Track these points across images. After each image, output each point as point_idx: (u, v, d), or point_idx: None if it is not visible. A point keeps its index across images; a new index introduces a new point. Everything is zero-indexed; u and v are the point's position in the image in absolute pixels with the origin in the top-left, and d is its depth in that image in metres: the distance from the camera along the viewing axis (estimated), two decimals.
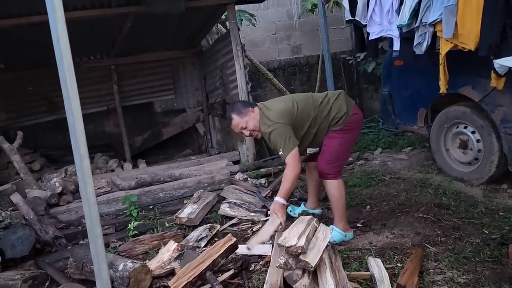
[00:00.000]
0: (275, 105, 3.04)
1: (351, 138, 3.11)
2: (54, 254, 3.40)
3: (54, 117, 6.56)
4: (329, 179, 3.04)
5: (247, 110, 3.06)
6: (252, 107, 3.09)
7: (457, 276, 2.44)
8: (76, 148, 1.38)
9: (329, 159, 3.02)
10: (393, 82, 4.81)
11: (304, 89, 8.04)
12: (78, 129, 1.37)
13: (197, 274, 2.54)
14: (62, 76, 1.34)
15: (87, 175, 1.39)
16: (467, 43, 3.14)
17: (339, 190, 3.05)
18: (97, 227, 1.44)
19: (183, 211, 3.85)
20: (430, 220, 3.21)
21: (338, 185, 3.05)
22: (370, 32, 4.13)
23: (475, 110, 3.87)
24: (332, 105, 3.02)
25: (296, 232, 2.44)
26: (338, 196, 3.06)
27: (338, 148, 3.02)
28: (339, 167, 3.06)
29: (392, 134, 6.25)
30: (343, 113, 2.98)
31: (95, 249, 1.45)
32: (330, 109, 3.01)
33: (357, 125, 3.12)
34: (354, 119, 3.05)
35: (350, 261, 2.74)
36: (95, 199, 1.44)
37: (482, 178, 3.89)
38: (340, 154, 3.05)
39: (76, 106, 1.35)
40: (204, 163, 5.39)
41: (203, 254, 2.66)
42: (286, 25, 7.95)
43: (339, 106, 3.01)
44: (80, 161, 1.38)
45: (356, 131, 3.14)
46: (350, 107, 3.04)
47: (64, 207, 4.17)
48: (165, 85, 6.98)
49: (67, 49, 1.35)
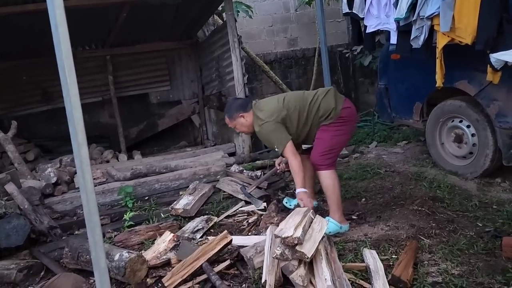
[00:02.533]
0: (267, 105, 3.16)
1: (344, 131, 3.13)
2: (49, 244, 3.39)
3: (48, 107, 6.52)
4: (322, 170, 3.08)
5: (237, 115, 3.20)
6: (244, 111, 3.19)
7: (451, 267, 2.47)
8: (74, 136, 1.37)
9: (321, 151, 3.07)
10: (390, 75, 4.82)
11: (300, 82, 8.03)
12: (76, 117, 1.36)
13: (192, 271, 2.55)
14: (61, 63, 1.33)
15: (85, 163, 1.38)
16: (464, 37, 3.15)
17: (332, 180, 3.08)
18: (95, 216, 1.44)
19: (179, 202, 3.85)
20: (424, 213, 3.24)
21: (331, 175, 3.08)
22: (367, 25, 4.13)
23: (471, 104, 3.89)
24: (321, 102, 3.10)
25: (292, 224, 2.45)
26: (332, 187, 3.08)
27: (330, 141, 3.07)
28: (331, 159, 3.09)
29: (388, 127, 6.26)
30: (331, 109, 3.06)
31: (93, 237, 1.45)
32: (319, 106, 3.10)
33: (350, 118, 3.14)
34: (345, 113, 3.09)
35: (345, 252, 2.76)
36: (93, 187, 1.43)
37: (476, 172, 3.91)
38: (333, 146, 3.08)
39: (74, 94, 1.34)
40: (200, 155, 5.38)
41: (198, 251, 2.66)
42: (282, 17, 7.92)
43: (327, 102, 3.09)
44: (78, 149, 1.37)
45: (350, 124, 3.16)
46: (339, 102, 3.10)
47: (59, 197, 4.17)
48: (160, 76, 6.94)
49: (66, 36, 1.33)
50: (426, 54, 3.78)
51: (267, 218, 3.42)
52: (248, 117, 3.19)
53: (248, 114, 3.19)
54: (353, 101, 3.37)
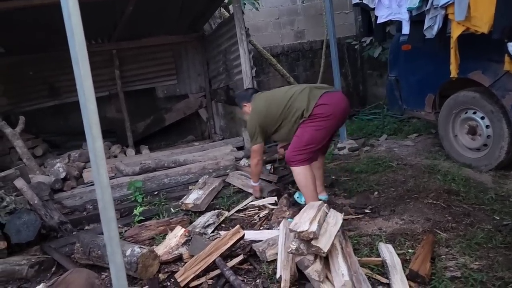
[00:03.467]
0: (258, 103, 3.38)
1: (321, 127, 3.09)
2: (60, 239, 3.38)
3: (55, 102, 6.50)
4: (292, 166, 3.14)
5: (242, 104, 3.59)
6: (248, 101, 3.52)
7: (469, 262, 2.41)
8: (88, 129, 1.33)
9: (294, 147, 3.11)
10: (400, 67, 4.74)
11: (307, 75, 7.94)
12: (90, 109, 1.32)
13: (205, 267, 2.52)
14: (74, 55, 1.29)
15: (100, 157, 1.34)
16: (480, 26, 3.07)
17: (303, 177, 3.10)
18: (111, 210, 1.39)
19: (189, 197, 3.81)
20: (440, 206, 3.18)
21: (301, 172, 3.10)
22: (378, 16, 4.05)
23: (485, 95, 3.81)
24: (293, 103, 3.17)
25: (307, 218, 2.41)
26: (305, 183, 3.12)
27: (304, 137, 3.10)
28: (303, 155, 3.09)
29: (398, 120, 6.19)
30: (302, 110, 3.10)
31: (109, 232, 1.41)
32: (291, 106, 3.17)
33: (327, 114, 3.07)
34: (320, 110, 3.07)
35: (360, 246, 2.71)
36: (108, 181, 1.39)
37: (491, 164, 3.84)
38: (307, 143, 3.08)
39: (88, 86, 1.30)
40: (208, 149, 5.34)
41: (211, 246, 2.63)
42: (289, 9, 7.82)
43: (300, 104, 3.13)
44: (92, 142, 1.32)
45: (328, 119, 3.09)
46: (311, 102, 3.10)
47: (68, 193, 4.15)
48: (167, 70, 6.89)
49: (79, 26, 1.29)
50: (439, 44, 3.71)
51: (279, 212, 3.38)
52: (249, 106, 3.48)
53: (250, 104, 3.47)
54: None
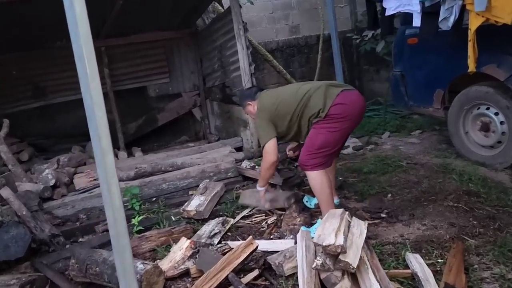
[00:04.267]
0: (265, 100, 3.15)
1: (336, 129, 2.85)
2: (52, 254, 3.09)
3: (41, 103, 6.16)
4: (307, 171, 2.93)
5: (246, 102, 3.34)
6: (252, 99, 3.29)
7: (505, 272, 2.23)
8: (96, 140, 1.09)
9: (307, 150, 2.90)
10: (406, 61, 4.55)
11: (303, 71, 7.73)
12: (98, 116, 1.08)
13: (217, 284, 2.28)
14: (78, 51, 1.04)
15: (111, 174, 1.10)
16: (502, 17, 2.88)
17: (319, 182, 2.88)
18: (125, 237, 1.15)
19: (190, 203, 3.56)
20: (462, 209, 2.99)
21: (316, 177, 2.88)
22: (387, 8, 3.84)
23: (500, 90, 3.64)
24: (309, 102, 2.93)
25: (331, 229, 2.19)
26: (318, 188, 2.90)
27: (319, 140, 2.87)
28: (318, 159, 2.86)
29: (399, 116, 6.01)
30: (318, 110, 2.87)
31: (122, 263, 1.16)
32: (307, 105, 2.94)
33: (344, 115, 2.84)
34: (337, 110, 2.83)
35: (384, 257, 2.50)
36: (121, 203, 1.15)
37: (506, 162, 3.68)
38: (321, 146, 2.85)
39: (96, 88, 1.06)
40: (206, 151, 5.09)
41: (223, 261, 2.39)
42: (283, 3, 7.59)
43: (315, 102, 2.90)
44: (101, 156, 1.08)
45: (344, 121, 2.86)
46: (328, 101, 2.86)
47: (59, 201, 3.87)
48: (159, 68, 6.58)
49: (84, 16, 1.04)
50: (451, 37, 3.52)
51: (289, 218, 3.17)
52: (254, 105, 3.25)
53: (255, 103, 3.25)
54: (357, 89, 3.06)
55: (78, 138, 6.05)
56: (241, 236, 3.12)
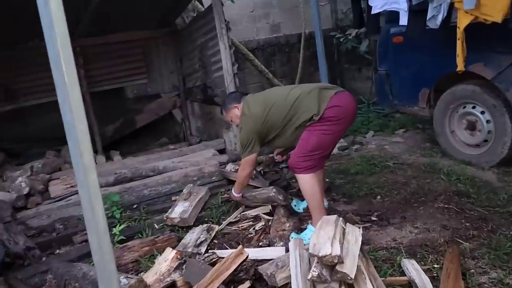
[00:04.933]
0: (253, 108, 3.00)
1: (330, 132, 2.77)
2: (28, 268, 2.90)
3: (12, 107, 5.85)
4: (297, 174, 2.84)
5: (231, 106, 3.17)
6: (238, 102, 3.13)
7: (503, 276, 2.18)
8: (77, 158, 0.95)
9: (300, 152, 2.79)
10: (391, 60, 4.50)
11: (284, 70, 7.62)
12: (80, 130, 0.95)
13: None
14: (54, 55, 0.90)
15: (95, 195, 0.96)
16: (492, 15, 2.84)
17: (310, 185, 2.78)
18: (111, 264, 1.01)
19: (174, 210, 3.42)
20: (453, 211, 2.95)
21: (308, 180, 2.78)
22: (373, 6, 3.76)
23: (486, 89, 3.62)
24: (302, 106, 2.82)
25: (326, 237, 2.08)
26: (311, 192, 2.80)
27: (311, 142, 2.76)
28: (309, 162, 2.76)
29: (382, 115, 5.99)
30: (311, 115, 2.76)
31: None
32: (299, 111, 2.83)
33: (339, 117, 2.75)
34: (332, 113, 2.74)
35: (379, 263, 2.43)
36: (107, 227, 1.01)
37: (492, 160, 3.67)
38: (313, 149, 2.75)
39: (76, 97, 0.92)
40: (188, 153, 4.92)
41: (212, 272, 2.26)
42: (264, 2, 7.45)
43: (308, 107, 2.80)
44: (84, 175, 0.94)
45: (338, 123, 2.77)
46: (322, 104, 2.75)
47: (33, 210, 3.66)
48: (137, 68, 6.33)
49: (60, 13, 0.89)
50: (437, 35, 3.48)
51: (277, 224, 3.06)
52: (240, 107, 3.10)
53: (240, 106, 3.10)
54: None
55: (52, 142, 5.78)
56: (228, 244, 3.00)
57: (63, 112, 0.98)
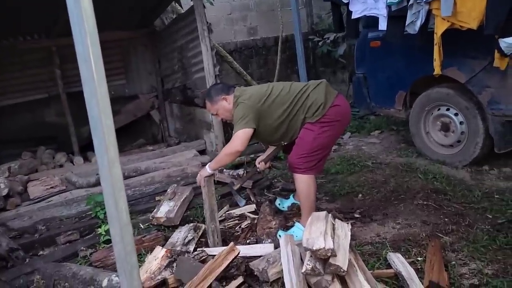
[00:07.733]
0: (251, 88, 2.97)
1: (331, 133, 2.79)
2: (12, 269, 2.85)
3: None
4: (298, 174, 2.81)
5: (219, 98, 2.95)
6: (226, 93, 2.95)
7: (482, 267, 2.32)
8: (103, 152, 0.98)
9: (301, 152, 2.77)
10: (368, 64, 4.66)
11: (261, 73, 7.73)
12: (107, 125, 0.98)
13: None
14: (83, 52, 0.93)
15: (119, 188, 0.99)
16: (468, 22, 3.00)
17: (308, 186, 2.81)
18: (132, 255, 1.04)
19: (159, 209, 3.43)
20: (431, 207, 3.09)
21: (308, 181, 2.80)
22: (353, 11, 3.89)
23: (460, 92, 3.80)
24: (309, 94, 2.80)
25: (318, 232, 2.16)
26: (307, 193, 2.83)
27: (312, 142, 2.75)
28: (311, 162, 2.77)
29: (358, 117, 6.16)
30: (320, 104, 2.75)
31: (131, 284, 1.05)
32: (306, 99, 2.80)
33: (338, 118, 2.79)
34: (334, 112, 2.77)
35: (365, 257, 2.52)
36: (129, 219, 1.04)
37: (465, 160, 3.86)
38: (314, 149, 2.76)
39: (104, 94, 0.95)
40: (169, 154, 4.92)
41: (205, 269, 2.29)
42: (241, 5, 7.55)
43: (316, 96, 2.78)
44: (108, 169, 0.98)
45: (337, 125, 2.82)
46: (329, 98, 2.78)
47: (13, 212, 3.59)
48: (114, 69, 6.26)
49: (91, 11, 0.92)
50: (414, 40, 3.63)
51: (264, 222, 3.11)
52: (230, 99, 2.92)
53: (230, 97, 2.92)
54: None
55: (26, 143, 5.66)
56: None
57: (89, 107, 1.01)
